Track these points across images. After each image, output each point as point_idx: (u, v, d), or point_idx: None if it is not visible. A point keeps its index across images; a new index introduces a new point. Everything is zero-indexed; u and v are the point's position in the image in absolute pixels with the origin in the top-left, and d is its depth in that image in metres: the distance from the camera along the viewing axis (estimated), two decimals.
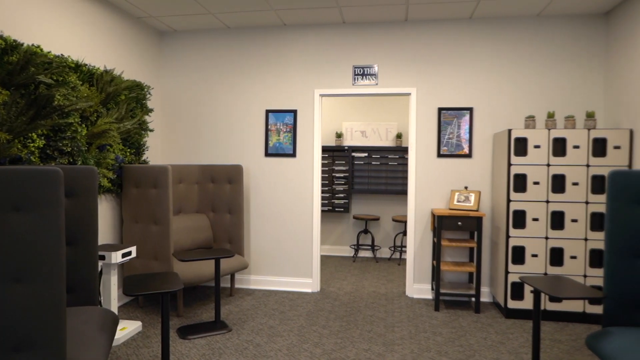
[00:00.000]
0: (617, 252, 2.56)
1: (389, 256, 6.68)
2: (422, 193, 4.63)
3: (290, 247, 4.86)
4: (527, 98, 4.46)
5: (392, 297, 4.64)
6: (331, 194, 6.65)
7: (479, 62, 4.53)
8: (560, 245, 3.90)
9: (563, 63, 4.40)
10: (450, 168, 4.58)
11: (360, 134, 6.74)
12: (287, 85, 4.85)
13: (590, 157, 3.85)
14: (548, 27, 4.41)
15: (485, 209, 4.53)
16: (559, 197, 3.88)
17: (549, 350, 3.34)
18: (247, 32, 4.91)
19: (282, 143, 4.87)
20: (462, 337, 3.57)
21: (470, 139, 4.54)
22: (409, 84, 4.64)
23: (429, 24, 4.59)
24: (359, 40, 4.72)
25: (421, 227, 4.65)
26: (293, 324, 3.80)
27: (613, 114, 4.16)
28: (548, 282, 2.79)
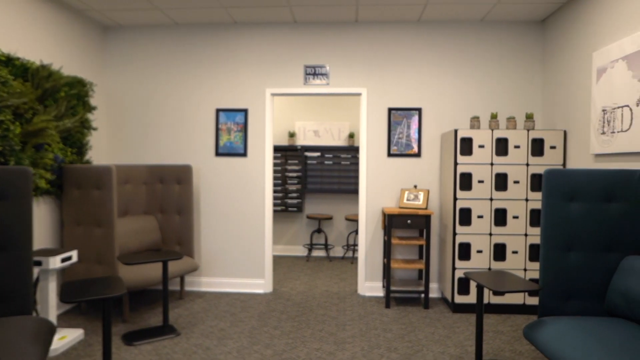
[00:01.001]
0: (551, 246, 2.71)
1: (342, 255, 6.74)
2: (373, 192, 4.70)
3: (242, 248, 4.80)
4: (472, 99, 4.62)
5: (344, 295, 4.69)
6: (284, 194, 6.63)
7: (427, 64, 4.65)
8: (503, 241, 4.07)
9: (505, 66, 4.60)
10: (400, 167, 4.67)
11: (313, 134, 6.76)
12: (238, 83, 4.78)
13: (530, 156, 4.05)
14: (491, 32, 4.59)
15: (434, 207, 4.66)
16: (501, 194, 4.05)
17: (491, 341, 3.48)
18: (196, 29, 4.79)
19: (233, 142, 4.80)
20: (411, 332, 3.65)
21: (420, 138, 4.65)
22: (359, 84, 4.70)
23: (379, 26, 4.67)
24: (311, 40, 4.72)
25: (372, 226, 4.72)
26: (244, 326, 3.75)
27: (549, 115, 4.39)
28: (490, 277, 2.90)
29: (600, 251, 2.72)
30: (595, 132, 3.51)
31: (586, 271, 2.71)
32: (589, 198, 2.70)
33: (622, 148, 3.16)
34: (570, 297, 2.73)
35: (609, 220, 2.70)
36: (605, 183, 2.69)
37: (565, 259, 2.72)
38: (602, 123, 3.42)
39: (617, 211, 2.70)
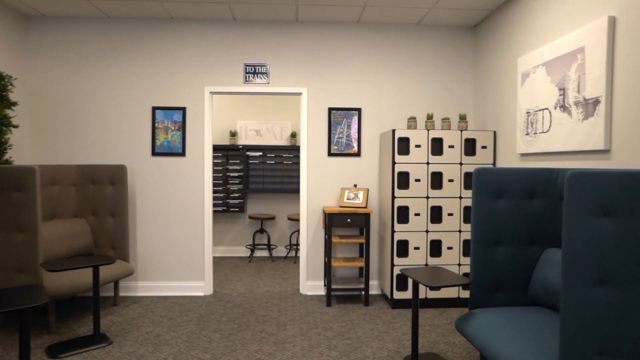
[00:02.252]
0: (481, 241, 2.84)
1: (285, 255, 6.72)
2: (313, 191, 4.72)
3: (181, 250, 4.65)
4: (409, 100, 4.76)
5: (286, 295, 4.67)
6: (226, 194, 6.51)
7: (367, 65, 4.73)
8: (439, 238, 4.22)
9: (440, 69, 4.77)
10: (341, 166, 4.72)
11: (255, 133, 6.68)
12: (175, 81, 4.63)
13: (463, 155, 4.23)
14: (427, 36, 4.75)
15: (373, 205, 4.75)
16: (437, 193, 4.20)
17: (427, 335, 3.60)
18: (130, 23, 4.58)
19: (170, 142, 4.64)
20: (351, 330, 3.70)
21: (359, 138, 4.72)
22: (300, 83, 4.70)
23: (319, 26, 4.69)
24: (251, 38, 4.66)
25: (313, 225, 4.74)
26: (182, 330, 3.64)
27: (481, 116, 4.61)
28: (425, 273, 3.00)
29: (525, 245, 2.88)
30: (520, 133, 3.73)
31: (512, 264, 2.87)
32: (515, 195, 2.86)
33: (544, 148, 3.38)
34: (498, 289, 2.88)
35: (532, 216, 2.87)
36: (528, 181, 2.85)
37: (493, 253, 2.86)
38: (526, 124, 3.63)
39: (539, 207, 2.87)
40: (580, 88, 2.96)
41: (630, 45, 2.56)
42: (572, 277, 1.94)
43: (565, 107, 3.13)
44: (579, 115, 2.97)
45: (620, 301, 1.95)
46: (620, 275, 1.96)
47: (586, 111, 2.90)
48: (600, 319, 1.94)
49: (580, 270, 1.94)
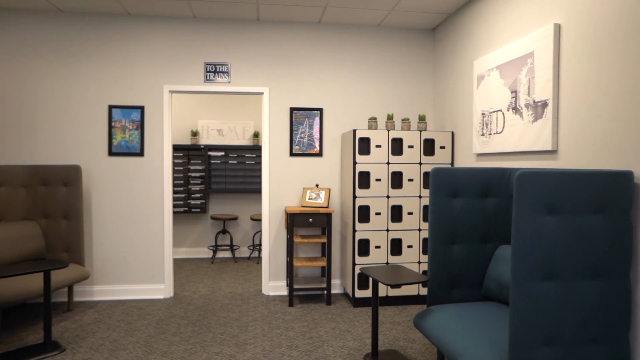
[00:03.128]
0: (438, 239, 2.91)
1: (249, 255, 6.67)
2: (276, 191, 4.71)
3: (140, 252, 4.54)
4: (370, 101, 4.82)
5: (248, 296, 4.63)
6: (187, 194, 6.39)
7: (328, 66, 4.76)
8: (399, 237, 4.30)
9: (400, 70, 4.86)
10: (303, 166, 4.73)
11: (217, 133, 6.59)
12: (133, 79, 4.51)
13: (422, 155, 4.32)
14: (388, 38, 4.83)
15: (335, 205, 4.79)
16: (397, 192, 4.27)
17: (388, 332, 3.66)
18: (85, 19, 4.43)
19: (128, 141, 4.51)
20: (312, 329, 3.71)
21: (321, 138, 4.74)
22: (261, 83, 4.67)
23: (281, 26, 4.68)
24: (211, 36, 4.60)
25: (276, 225, 4.72)
26: (140, 335, 3.55)
27: (439, 117, 4.72)
28: (384, 272, 3.05)
29: (479, 242, 2.98)
30: (476, 134, 3.85)
31: (467, 261, 2.96)
32: (470, 194, 2.95)
33: (497, 148, 3.50)
34: (454, 286, 2.96)
35: (486, 214, 2.97)
36: (482, 180, 2.95)
37: (450, 251, 2.94)
38: (482, 125, 3.75)
39: (492, 206, 2.98)
40: (530, 91, 3.09)
41: (574, 51, 2.69)
42: (520, 273, 2.02)
43: (517, 109, 3.25)
44: (529, 117, 3.10)
45: (563, 294, 2.05)
46: (563, 269, 2.06)
47: (536, 113, 3.02)
48: (545, 311, 2.03)
49: (527, 266, 2.02)
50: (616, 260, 2.11)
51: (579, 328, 2.07)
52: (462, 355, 2.24)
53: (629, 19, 2.29)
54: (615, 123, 2.39)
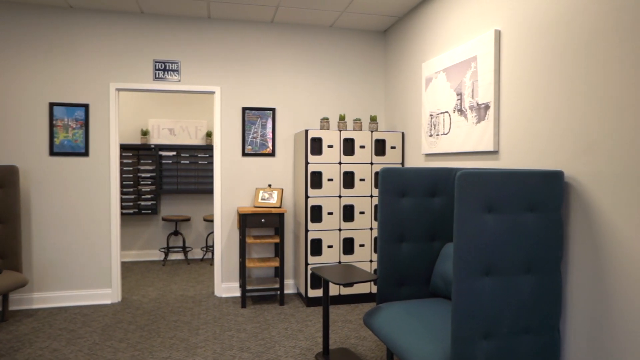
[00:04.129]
0: (386, 238, 2.97)
1: (202, 257, 6.54)
2: (228, 192, 4.64)
3: (85, 256, 4.35)
4: (323, 101, 4.85)
5: (200, 298, 4.55)
6: (137, 195, 6.19)
7: (281, 65, 4.75)
8: (351, 236, 4.35)
9: (353, 71, 4.91)
10: (255, 166, 4.70)
11: (169, 132, 6.43)
12: (76, 76, 4.31)
13: (374, 155, 4.39)
14: (340, 39, 4.87)
15: (288, 205, 4.78)
16: (349, 192, 4.32)
17: (340, 330, 3.70)
18: (22, 10, 4.19)
19: (71, 141, 4.31)
20: (265, 330, 3.69)
21: (274, 138, 4.73)
22: (213, 82, 4.60)
23: (233, 24, 4.62)
24: (161, 33, 4.47)
25: (228, 226, 4.66)
26: (83, 343, 3.40)
27: (390, 118, 4.82)
28: (335, 271, 3.08)
29: (427, 241, 3.06)
30: (425, 135, 3.95)
31: (415, 259, 3.03)
32: (417, 194, 3.02)
33: (445, 149, 3.61)
34: (403, 283, 3.03)
35: (433, 213, 3.06)
36: (430, 180, 3.03)
37: (399, 249, 3.00)
38: (430, 126, 3.86)
39: (439, 205, 3.07)
40: (474, 93, 3.21)
41: (513, 56, 2.82)
42: (461, 269, 2.10)
43: (462, 111, 3.37)
44: (473, 118, 3.22)
45: (501, 289, 2.15)
46: (501, 265, 2.15)
47: (479, 115, 3.14)
48: (484, 305, 2.12)
49: (468, 263, 2.10)
50: (548, 255, 2.24)
51: (515, 320, 2.17)
52: (407, 350, 2.30)
53: (562, 27, 2.43)
54: (548, 125, 2.52)
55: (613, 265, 2.10)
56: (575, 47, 2.33)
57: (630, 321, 2.01)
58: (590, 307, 2.22)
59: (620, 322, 2.06)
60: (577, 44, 2.32)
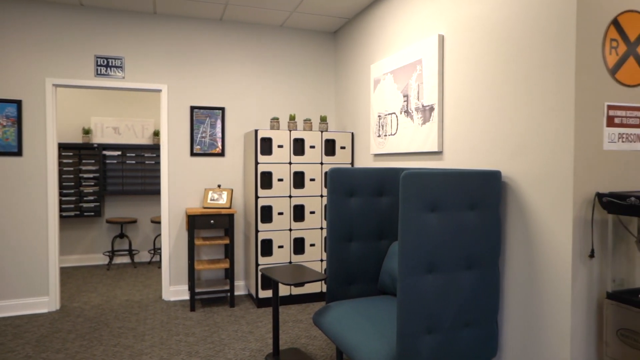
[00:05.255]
0: (335, 237, 2.99)
1: (149, 260, 6.33)
2: (176, 193, 4.52)
3: (19, 263, 4.09)
4: (273, 101, 4.82)
5: (147, 303, 4.40)
6: (78, 197, 5.90)
7: (231, 64, 4.67)
8: (302, 235, 4.35)
9: (304, 71, 4.92)
10: (204, 167, 4.60)
11: (113, 131, 6.17)
12: (6, 70, 4.04)
13: (324, 155, 4.42)
14: (291, 38, 4.86)
15: (238, 205, 4.72)
16: (299, 192, 4.32)
17: (290, 330, 3.69)
18: None
19: (2, 139, 4.05)
20: (214, 333, 3.63)
21: (223, 138, 4.65)
22: (160, 80, 4.46)
23: (180, 20, 4.50)
24: (103, 28, 4.28)
25: (176, 228, 4.54)
26: (14, 357, 3.20)
27: (341, 118, 4.87)
28: (284, 271, 3.07)
29: (375, 239, 3.12)
30: (373, 135, 4.02)
31: (364, 258, 3.08)
32: (365, 193, 3.07)
33: (392, 149, 3.69)
34: (352, 282, 3.07)
35: (381, 212, 3.12)
36: (377, 180, 3.09)
37: (347, 248, 3.04)
38: (378, 127, 3.93)
39: (387, 204, 3.13)
40: (419, 95, 3.29)
41: (455, 61, 2.92)
42: (406, 267, 2.15)
43: (408, 112, 3.45)
44: (419, 120, 3.31)
45: (443, 285, 2.22)
46: (443, 262, 2.22)
47: (424, 117, 3.24)
48: (428, 302, 2.18)
49: (412, 260, 2.16)
50: (487, 252, 2.34)
51: (457, 315, 2.25)
52: (355, 348, 2.33)
53: (499, 34, 2.54)
54: (487, 127, 2.63)
55: (543, 258, 2.22)
56: (510, 54, 2.45)
57: (556, 310, 2.14)
58: (524, 299, 2.34)
59: (548, 311, 2.19)
60: (512, 51, 2.44)
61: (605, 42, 2.11)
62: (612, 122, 2.15)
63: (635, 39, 2.17)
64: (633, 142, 2.19)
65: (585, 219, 2.10)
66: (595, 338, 2.15)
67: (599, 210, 2.13)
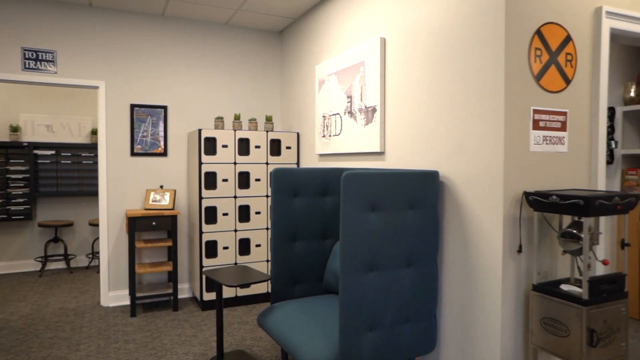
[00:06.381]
0: (280, 238, 2.99)
1: (87, 264, 6.04)
2: (115, 194, 4.34)
3: None
4: (218, 100, 4.74)
5: (83, 310, 4.19)
6: (6, 200, 5.51)
7: (173, 61, 4.54)
8: (247, 236, 4.31)
9: (249, 71, 4.87)
10: (146, 167, 4.45)
11: (46, 129, 5.82)
12: None
13: (269, 155, 4.40)
14: (236, 37, 4.79)
15: (182, 206, 4.60)
16: (245, 192, 4.28)
17: (236, 333, 3.65)
18: None
19: None
20: (156, 339, 3.51)
21: (166, 137, 4.51)
22: (97, 76, 4.26)
23: (119, 14, 4.31)
24: (31, 19, 4.02)
25: (116, 230, 4.36)
26: None
27: (287, 118, 4.87)
28: (229, 273, 3.03)
29: (319, 239, 3.14)
30: (318, 135, 4.05)
31: (309, 257, 3.10)
32: (310, 193, 3.09)
33: (337, 149, 3.74)
34: (297, 282, 3.08)
35: (325, 212, 3.15)
36: (321, 180, 3.12)
37: (292, 248, 3.04)
38: (323, 127, 3.97)
39: (331, 204, 3.16)
40: (362, 97, 3.36)
41: (396, 63, 3.01)
42: (348, 266, 2.19)
43: (352, 113, 3.51)
44: (362, 121, 3.37)
45: (385, 283, 2.28)
46: (384, 261, 2.28)
47: (367, 118, 3.30)
48: (369, 299, 2.24)
49: (353, 259, 2.20)
50: (426, 249, 2.42)
51: (397, 311, 2.32)
52: (299, 348, 2.34)
53: (437, 38, 2.64)
54: (426, 128, 2.73)
55: (476, 253, 2.34)
56: (447, 59, 2.55)
57: (488, 302, 2.26)
58: (460, 293, 2.46)
59: (481, 303, 2.31)
60: (449, 55, 2.54)
61: (530, 51, 2.25)
62: (538, 125, 2.30)
63: (556, 48, 2.33)
64: (555, 144, 2.36)
65: (514, 216, 2.24)
66: (522, 328, 2.29)
67: (526, 208, 2.27)
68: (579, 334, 1.97)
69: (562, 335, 2.03)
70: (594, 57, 2.46)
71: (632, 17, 2.54)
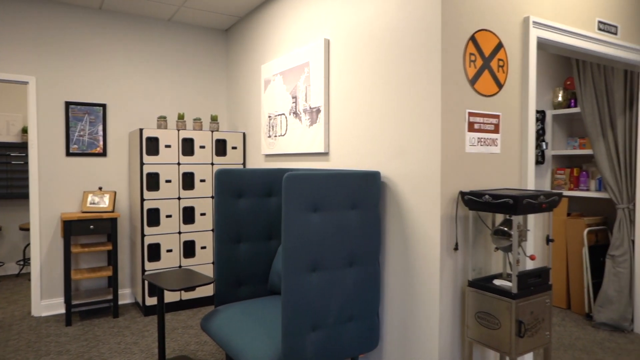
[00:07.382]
0: (223, 239, 2.94)
1: (18, 272, 5.66)
2: (49, 196, 4.10)
3: None
4: (161, 98, 4.60)
5: (11, 322, 3.93)
6: None
7: (114, 58, 4.35)
8: (192, 238, 4.21)
9: (194, 69, 4.75)
10: (83, 168, 4.23)
11: None
12: None
13: (214, 156, 4.32)
14: (180, 34, 4.67)
15: (123, 209, 4.42)
16: (189, 193, 4.18)
17: (179, 338, 3.56)
18: None
19: None
20: (93, 348, 3.36)
21: (105, 136, 4.32)
22: (26, 71, 4.00)
23: (52, 5, 4.08)
24: None
25: (50, 235, 4.12)
26: None
27: (233, 118, 4.80)
28: (171, 276, 2.94)
29: (264, 240, 3.12)
30: (264, 135, 4.03)
31: (253, 259, 3.07)
32: (254, 194, 3.06)
33: (282, 149, 3.73)
34: (242, 284, 3.04)
35: (270, 213, 3.13)
36: (266, 180, 3.10)
37: (236, 250, 3.00)
38: (269, 127, 3.95)
39: (275, 204, 3.15)
40: (307, 97, 3.37)
41: (340, 64, 3.04)
42: (290, 266, 2.19)
43: (297, 114, 3.51)
44: (307, 121, 3.39)
45: (327, 283, 2.30)
46: (326, 261, 2.30)
47: (312, 118, 3.32)
48: (312, 299, 2.25)
49: (296, 260, 2.20)
50: (368, 249, 2.47)
51: (340, 311, 2.35)
52: (242, 351, 2.32)
53: (378, 42, 2.70)
54: (368, 130, 2.78)
55: (416, 251, 2.41)
56: (388, 61, 2.61)
57: (427, 299, 2.34)
58: (401, 291, 2.52)
59: (420, 300, 2.38)
60: (389, 58, 2.60)
61: (465, 56, 2.35)
62: (472, 127, 2.40)
63: (489, 54, 2.45)
64: (489, 146, 2.47)
65: (451, 215, 2.32)
66: (459, 322, 2.39)
67: (462, 207, 2.37)
68: (509, 325, 2.08)
69: (494, 328, 2.14)
70: (523, 64, 2.61)
71: (556, 28, 2.72)
